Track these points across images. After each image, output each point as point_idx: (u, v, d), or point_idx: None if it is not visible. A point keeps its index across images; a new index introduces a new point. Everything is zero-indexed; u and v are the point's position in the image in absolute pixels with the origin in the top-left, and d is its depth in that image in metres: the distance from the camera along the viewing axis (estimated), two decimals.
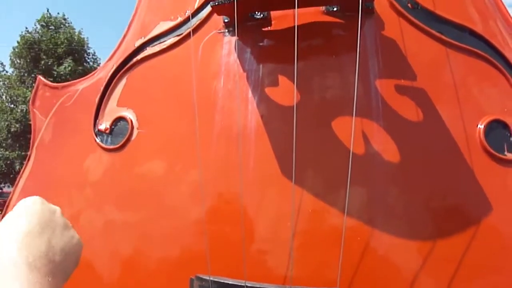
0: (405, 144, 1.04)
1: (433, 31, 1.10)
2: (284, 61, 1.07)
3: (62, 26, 22.33)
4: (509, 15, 1.27)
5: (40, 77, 1.47)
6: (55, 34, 21.57)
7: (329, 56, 1.09)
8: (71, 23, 22.71)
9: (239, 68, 1.11)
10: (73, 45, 21.17)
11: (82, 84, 1.35)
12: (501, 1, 1.30)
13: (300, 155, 0.98)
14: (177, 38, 1.20)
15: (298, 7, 0.95)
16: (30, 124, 1.41)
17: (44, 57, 21.09)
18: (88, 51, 22.79)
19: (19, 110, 20.31)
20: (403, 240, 1.00)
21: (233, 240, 1.02)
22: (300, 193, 1.00)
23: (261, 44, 1.13)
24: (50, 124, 1.34)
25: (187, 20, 1.18)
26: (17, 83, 21.11)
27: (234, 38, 1.13)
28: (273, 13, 1.12)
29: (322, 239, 1.00)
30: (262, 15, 1.12)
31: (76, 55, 21.31)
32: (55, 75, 20.36)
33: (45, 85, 1.43)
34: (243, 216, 1.01)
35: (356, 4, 0.97)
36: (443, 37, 1.11)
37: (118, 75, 1.24)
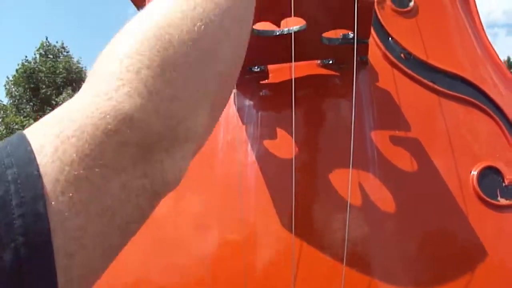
0: (400, 192, 1.06)
1: (426, 81, 1.14)
2: (282, 112, 1.10)
3: (60, 54, 22.49)
4: (500, 60, 1.31)
5: None
6: (54, 63, 21.73)
7: (325, 108, 1.13)
8: (69, 52, 22.84)
9: (238, 120, 1.14)
10: (71, 74, 21.32)
11: None
12: (491, 45, 1.34)
13: (299, 207, 1.01)
14: None
15: (294, 61, 0.98)
16: None
17: (43, 86, 21.23)
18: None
19: None
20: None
21: None
22: (299, 245, 1.02)
23: (259, 96, 1.17)
24: None
25: None
26: (14, 111, 21.18)
27: (233, 91, 1.16)
28: (270, 67, 1.15)
29: None
30: (259, 69, 1.15)
31: (74, 84, 21.48)
32: (54, 104, 20.51)
33: None
34: (244, 268, 1.03)
35: (351, 57, 1.00)
36: (435, 86, 1.14)
37: None
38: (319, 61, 1.11)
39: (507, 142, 1.14)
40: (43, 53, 21.92)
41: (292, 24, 0.99)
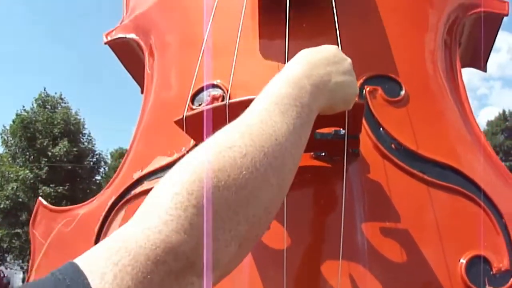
0: (390, 283, 1.08)
1: (416, 171, 1.17)
2: None
3: (58, 105, 22.65)
4: (489, 146, 1.35)
5: (40, 199, 1.53)
6: (51, 114, 21.87)
7: (317, 200, 1.16)
8: (67, 103, 23.01)
9: None
10: (69, 126, 21.43)
11: (82, 209, 1.40)
12: (481, 132, 1.38)
13: None
14: None
15: None
16: (20, 202, 1.47)
17: (39, 136, 21.30)
18: (84, 131, 23.08)
19: (9, 188, 20.33)
20: None
21: None
22: None
23: None
24: (49, 250, 1.38)
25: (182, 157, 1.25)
26: (9, 160, 21.22)
27: None
28: None
29: None
30: None
31: (71, 136, 21.56)
32: (49, 155, 20.53)
33: (45, 207, 1.49)
34: None
35: (343, 150, 1.04)
36: (425, 176, 1.17)
37: (117, 206, 1.30)
38: (312, 153, 1.15)
39: (495, 231, 1.17)
40: (41, 103, 22.12)
41: None
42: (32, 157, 20.85)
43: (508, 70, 70.06)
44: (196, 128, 1.03)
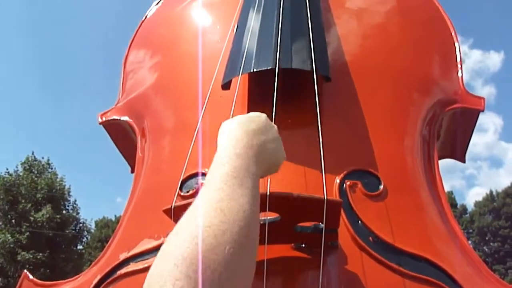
0: None
1: (392, 264, 1.21)
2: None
3: (45, 170, 22.50)
4: (465, 238, 1.41)
5: (25, 272, 1.55)
6: (36, 179, 21.70)
7: None
8: (54, 168, 22.89)
9: None
10: (54, 191, 21.22)
11: (67, 285, 1.43)
12: (457, 225, 1.44)
13: None
14: None
15: (268, 244, 1.06)
16: None
17: (22, 200, 21.04)
18: (69, 199, 22.84)
19: None
20: None
21: None
22: None
23: None
24: None
25: None
26: None
27: None
28: None
29: None
30: None
31: (54, 202, 21.30)
32: (31, 220, 20.22)
33: (30, 281, 1.50)
34: None
35: (321, 242, 1.09)
36: (401, 268, 1.21)
37: (102, 286, 1.32)
38: (293, 244, 1.19)
39: None
40: (28, 167, 22.01)
41: (268, 214, 1.08)
42: (13, 221, 20.55)
43: (495, 150, 71.26)
44: None
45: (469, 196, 67.11)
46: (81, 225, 23.69)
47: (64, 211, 21.90)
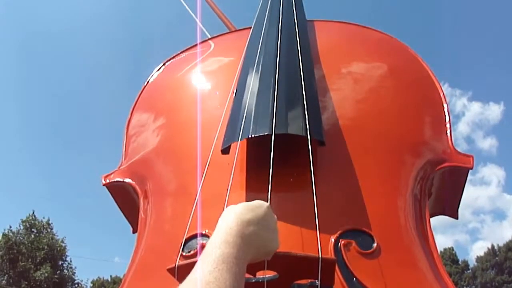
0: None
1: None
2: None
3: (44, 230, 22.45)
4: None
5: None
6: (37, 238, 21.65)
7: None
8: (53, 229, 22.85)
9: None
10: (53, 251, 21.11)
11: None
12: (449, 278, 1.48)
13: None
14: None
15: None
16: None
17: (22, 259, 20.91)
18: (66, 259, 22.73)
19: None
20: None
21: None
22: None
23: None
24: None
25: None
26: None
27: None
28: None
29: None
30: None
31: (53, 262, 21.16)
32: (31, 279, 20.04)
33: None
34: None
35: None
36: None
37: None
38: None
39: None
40: (28, 226, 21.97)
41: (266, 272, 1.14)
42: (12, 279, 20.29)
43: (498, 203, 70.65)
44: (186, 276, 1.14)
45: (473, 250, 66.14)
46: (77, 285, 23.45)
47: (62, 271, 21.70)
